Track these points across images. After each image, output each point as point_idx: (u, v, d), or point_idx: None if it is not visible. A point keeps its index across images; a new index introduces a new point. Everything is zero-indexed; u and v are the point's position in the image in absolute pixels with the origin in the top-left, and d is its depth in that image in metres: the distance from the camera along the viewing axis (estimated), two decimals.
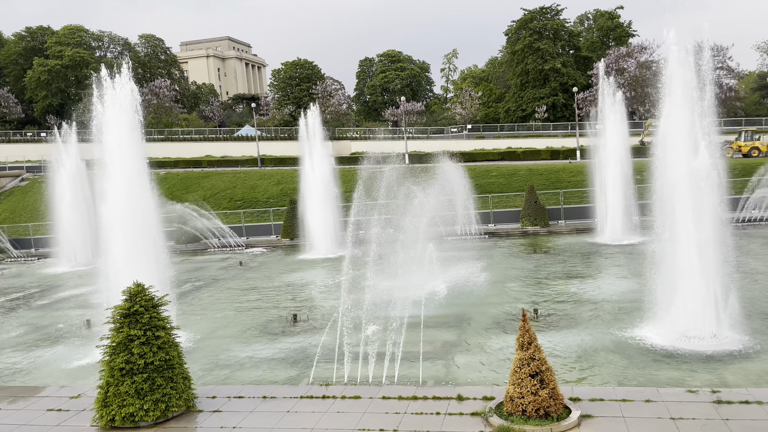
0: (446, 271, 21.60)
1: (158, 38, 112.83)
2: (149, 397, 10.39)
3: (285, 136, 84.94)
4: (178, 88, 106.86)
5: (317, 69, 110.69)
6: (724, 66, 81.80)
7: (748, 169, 39.08)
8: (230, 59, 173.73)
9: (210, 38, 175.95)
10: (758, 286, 18.37)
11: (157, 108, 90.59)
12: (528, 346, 9.46)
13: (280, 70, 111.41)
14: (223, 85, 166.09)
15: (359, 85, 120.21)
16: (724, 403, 9.66)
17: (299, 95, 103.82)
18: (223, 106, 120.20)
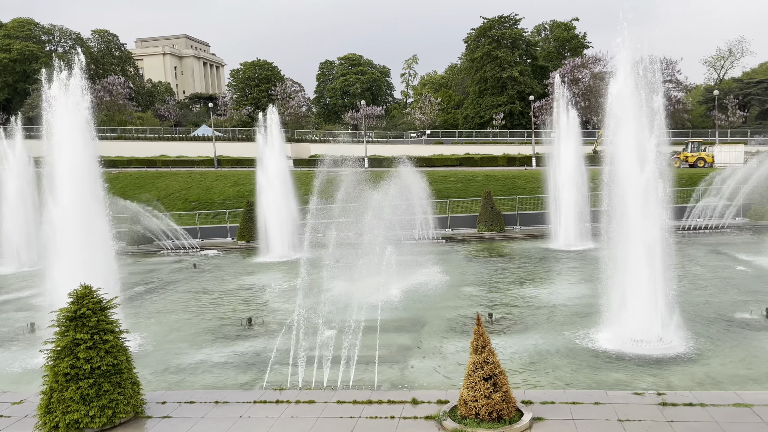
0: (403, 275, 21.67)
1: (112, 34, 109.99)
2: (95, 403, 10.05)
3: (243, 137, 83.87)
4: (133, 85, 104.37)
5: (277, 70, 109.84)
6: (673, 79, 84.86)
7: (695, 179, 40.62)
8: (188, 58, 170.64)
9: (167, 36, 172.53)
10: (702, 291, 19.06)
11: (110, 105, 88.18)
12: (482, 350, 9.56)
13: (239, 71, 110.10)
14: (179, 84, 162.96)
15: (319, 88, 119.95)
16: (669, 405, 9.97)
17: (258, 96, 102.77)
18: (180, 105, 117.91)
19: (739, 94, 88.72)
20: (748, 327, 14.99)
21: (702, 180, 36.97)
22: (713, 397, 10.26)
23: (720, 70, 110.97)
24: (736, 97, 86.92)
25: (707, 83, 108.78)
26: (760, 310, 16.01)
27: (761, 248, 26.18)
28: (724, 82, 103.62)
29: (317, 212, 28.59)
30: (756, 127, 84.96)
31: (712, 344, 13.76)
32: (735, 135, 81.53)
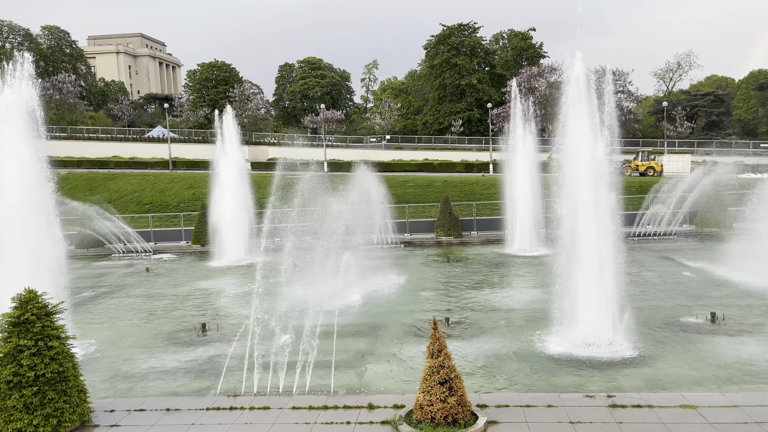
0: (362, 280, 21.63)
1: (63, 30, 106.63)
2: (39, 412, 9.67)
3: (199, 138, 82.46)
4: (84, 84, 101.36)
5: (235, 72, 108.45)
6: (625, 90, 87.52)
7: (644, 187, 41.95)
8: (143, 57, 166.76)
9: (121, 34, 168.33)
10: (650, 296, 19.66)
11: (60, 104, 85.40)
12: (438, 354, 9.61)
13: (196, 71, 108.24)
14: (134, 83, 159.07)
15: (278, 91, 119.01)
16: (618, 407, 10.23)
17: (215, 98, 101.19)
18: (134, 105, 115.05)
19: (687, 105, 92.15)
20: (694, 331, 15.52)
21: (651, 188, 38.16)
22: (660, 398, 10.58)
23: (669, 82, 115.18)
24: (683, 109, 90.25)
25: (657, 95, 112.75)
26: (705, 315, 16.60)
27: (706, 254, 27.18)
28: (672, 94, 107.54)
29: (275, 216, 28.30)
30: (702, 138, 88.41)
31: (660, 347, 14.19)
32: (683, 145, 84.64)
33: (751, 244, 22.46)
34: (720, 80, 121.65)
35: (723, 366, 12.83)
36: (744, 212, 33.79)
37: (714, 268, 23.43)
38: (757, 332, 15.11)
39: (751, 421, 9.49)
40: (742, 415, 9.72)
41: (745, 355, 13.38)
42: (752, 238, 23.04)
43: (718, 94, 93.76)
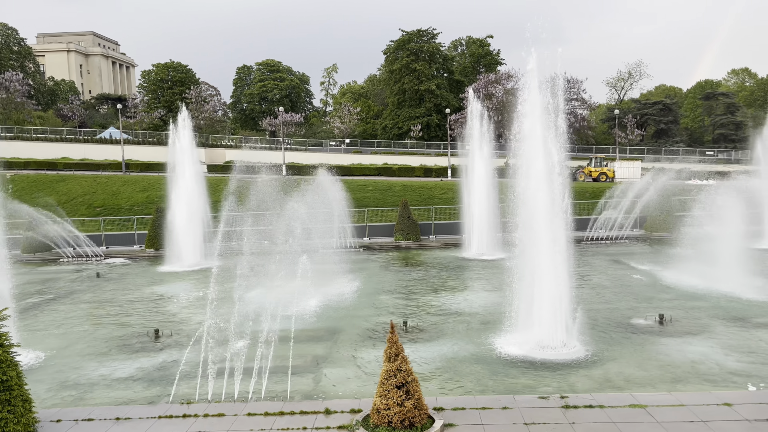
0: (320, 284, 21.50)
1: (11, 27, 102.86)
2: None
3: (154, 140, 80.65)
4: (33, 83, 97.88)
5: (191, 73, 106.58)
6: (579, 98, 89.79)
7: (597, 193, 43.09)
8: (95, 56, 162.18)
9: (73, 32, 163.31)
10: (602, 298, 20.16)
11: (6, 103, 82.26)
12: (395, 358, 9.62)
13: (151, 72, 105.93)
14: (86, 83, 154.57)
15: (236, 93, 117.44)
16: (571, 407, 10.43)
17: (171, 99, 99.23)
18: (85, 105, 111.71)
19: (637, 113, 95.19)
20: (644, 332, 15.98)
21: (604, 194, 39.23)
22: (611, 398, 10.84)
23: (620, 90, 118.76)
24: (634, 117, 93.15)
25: (609, 103, 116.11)
26: (653, 317, 17.11)
27: (655, 258, 28.10)
28: (624, 103, 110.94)
29: (231, 219, 27.90)
30: (652, 145, 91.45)
31: (611, 348, 14.56)
32: (633, 152, 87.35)
33: (698, 248, 23.30)
34: (668, 90, 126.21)
35: (671, 366, 13.25)
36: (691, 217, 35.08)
37: (662, 271, 24.22)
38: (702, 333, 15.67)
39: (697, 419, 9.82)
40: (689, 413, 10.05)
41: (692, 356, 13.85)
42: (698, 242, 23.90)
43: (666, 103, 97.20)
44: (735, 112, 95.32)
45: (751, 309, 17.80)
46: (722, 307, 18.11)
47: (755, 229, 28.13)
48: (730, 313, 17.49)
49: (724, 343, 14.79)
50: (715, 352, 14.06)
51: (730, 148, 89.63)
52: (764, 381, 12.09)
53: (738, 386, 11.88)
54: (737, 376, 12.50)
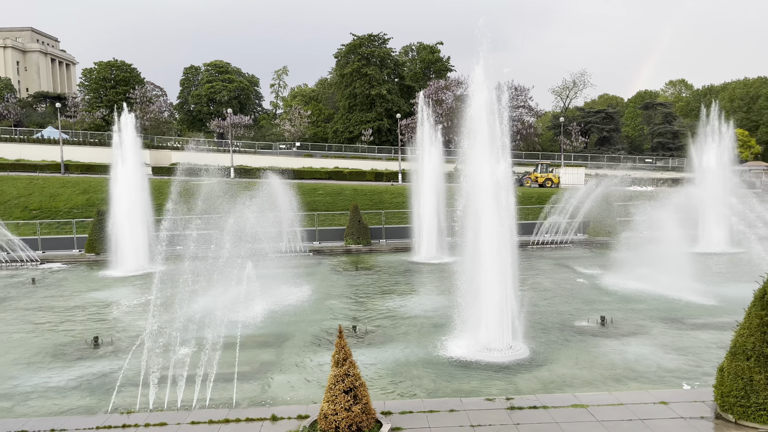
0: (268, 289, 21.20)
1: None
2: None
3: (95, 141, 77.89)
4: None
5: (136, 72, 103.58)
6: (526, 105, 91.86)
7: (543, 198, 44.15)
8: (33, 53, 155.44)
9: (9, 27, 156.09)
10: (547, 301, 20.64)
11: None
12: (343, 363, 9.55)
13: (93, 70, 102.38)
14: (23, 80, 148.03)
15: (183, 94, 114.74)
16: (516, 409, 10.61)
17: (114, 98, 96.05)
18: (22, 103, 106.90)
19: (582, 121, 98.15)
20: (586, 334, 16.44)
21: (549, 199, 40.22)
22: (554, 399, 11.09)
23: (566, 99, 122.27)
24: (578, 124, 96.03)
25: (555, 110, 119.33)
26: (595, 319, 17.63)
27: (597, 262, 28.98)
28: (569, 111, 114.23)
29: (177, 223, 27.19)
30: (595, 153, 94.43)
31: (555, 350, 14.91)
32: (578, 159, 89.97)
33: (637, 252, 24.16)
34: (611, 99, 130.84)
35: (611, 366, 13.66)
36: (631, 222, 36.39)
37: (604, 274, 25.00)
38: (641, 334, 16.24)
39: (636, 418, 10.15)
40: (627, 412, 10.37)
41: (630, 356, 14.33)
42: (638, 246, 24.79)
43: (608, 112, 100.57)
44: (672, 121, 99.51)
45: (687, 310, 18.56)
46: (659, 309, 18.82)
47: (691, 233, 29.37)
48: (667, 314, 18.20)
49: (661, 343, 15.36)
50: (653, 353, 14.59)
51: (667, 156, 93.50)
52: (698, 379, 12.61)
53: (674, 385, 12.35)
54: (673, 375, 13.00)
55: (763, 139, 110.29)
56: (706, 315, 17.98)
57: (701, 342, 15.34)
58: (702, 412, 10.26)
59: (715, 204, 30.84)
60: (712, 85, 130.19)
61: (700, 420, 9.97)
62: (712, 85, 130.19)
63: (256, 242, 23.43)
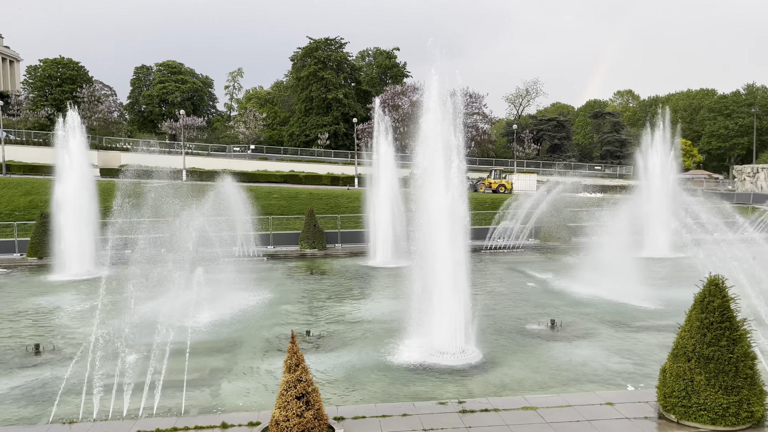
0: (220, 294, 20.84)
1: None
2: None
3: (40, 141, 75.08)
4: None
5: (84, 71, 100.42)
6: (480, 112, 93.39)
7: (497, 204, 44.86)
8: None
9: None
10: (500, 305, 20.96)
11: None
12: (295, 368, 9.46)
13: (38, 67, 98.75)
14: None
15: (134, 94, 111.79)
16: (468, 412, 10.72)
17: (60, 97, 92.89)
18: None
19: (534, 129, 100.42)
20: (537, 337, 16.76)
21: (502, 204, 40.94)
22: (505, 402, 11.24)
23: (519, 107, 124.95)
24: (531, 132, 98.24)
25: (508, 118, 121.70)
26: (546, 322, 18.00)
27: (548, 266, 29.63)
28: (522, 118, 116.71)
29: (125, 226, 26.46)
30: (547, 159, 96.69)
31: (507, 353, 15.14)
32: (530, 165, 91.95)
33: (587, 257, 24.82)
34: (562, 107, 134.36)
35: (560, 369, 13.97)
36: (580, 228, 37.38)
37: (555, 279, 25.57)
38: (590, 337, 16.67)
39: (583, 419, 10.40)
40: (575, 413, 10.62)
41: (579, 359, 14.68)
42: (587, 251, 25.47)
43: (560, 120, 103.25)
44: (620, 130, 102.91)
45: (632, 314, 19.16)
46: (607, 312, 19.37)
47: (637, 239, 30.36)
48: (614, 317, 18.74)
49: (608, 345, 15.80)
50: (600, 355, 14.99)
51: (615, 164, 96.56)
52: (642, 381, 13.01)
53: (620, 386, 12.72)
54: (619, 377, 13.39)
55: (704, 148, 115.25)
56: (650, 318, 18.60)
57: (646, 344, 15.85)
58: (646, 412, 10.59)
59: (660, 211, 31.97)
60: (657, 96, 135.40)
61: (644, 420, 10.28)
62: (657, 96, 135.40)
63: (208, 246, 23.04)
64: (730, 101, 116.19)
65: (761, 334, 12.63)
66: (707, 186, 78.42)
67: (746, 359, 9.72)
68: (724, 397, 9.57)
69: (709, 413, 9.63)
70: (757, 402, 9.70)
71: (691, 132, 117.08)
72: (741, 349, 9.71)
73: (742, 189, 68.17)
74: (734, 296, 10.03)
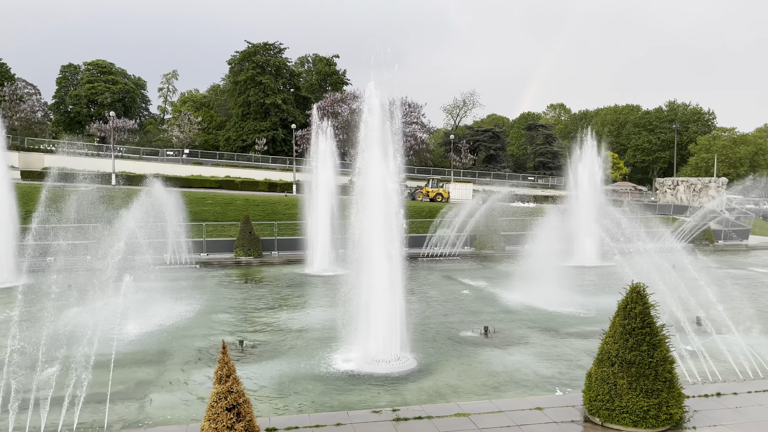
0: (149, 303, 20.11)
1: None
2: None
3: None
4: None
5: (6, 68, 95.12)
6: (418, 122, 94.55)
7: (434, 212, 45.47)
8: None
9: None
10: (435, 312, 21.20)
11: None
12: (226, 379, 9.20)
13: None
14: None
15: (60, 93, 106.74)
16: (401, 420, 10.74)
17: None
18: None
19: (471, 139, 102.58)
20: (471, 344, 17.05)
21: (439, 213, 41.54)
22: (439, 409, 11.35)
23: (456, 117, 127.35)
24: (468, 142, 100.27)
25: (446, 128, 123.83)
26: (479, 329, 18.34)
27: (482, 274, 30.25)
28: (459, 129, 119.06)
29: (48, 232, 25.17)
30: (482, 169, 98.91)
31: (442, 360, 15.31)
32: (467, 175, 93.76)
33: (519, 264, 25.49)
34: (497, 119, 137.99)
35: (493, 375, 14.25)
36: (514, 236, 38.40)
37: (489, 286, 26.13)
38: (522, 343, 17.09)
39: (513, 424, 10.62)
40: (506, 419, 10.83)
41: (511, 365, 15.03)
42: (520, 259, 26.16)
43: (495, 131, 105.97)
44: (552, 142, 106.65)
45: (562, 320, 19.81)
46: (538, 319, 19.94)
47: (567, 247, 31.45)
48: (545, 324, 19.31)
49: (539, 351, 16.25)
50: (531, 360, 15.40)
51: (548, 175, 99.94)
52: (570, 385, 13.45)
53: (549, 391, 13.09)
54: (549, 382, 13.78)
55: (630, 161, 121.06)
56: (579, 324, 19.28)
57: (574, 350, 16.40)
58: (572, 416, 10.93)
59: (588, 220, 33.26)
60: (587, 110, 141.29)
61: (571, 423, 10.61)
62: (587, 110, 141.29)
63: (138, 253, 22.21)
64: (654, 117, 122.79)
65: (679, 339, 13.33)
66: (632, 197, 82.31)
67: (665, 363, 10.20)
68: (645, 400, 10.00)
69: (630, 416, 10.04)
70: (675, 404, 10.19)
71: (618, 145, 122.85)
72: (660, 354, 10.19)
73: (663, 201, 71.94)
74: (654, 303, 10.52)
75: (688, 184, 71.78)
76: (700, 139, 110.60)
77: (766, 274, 30.92)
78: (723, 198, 64.74)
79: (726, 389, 12.30)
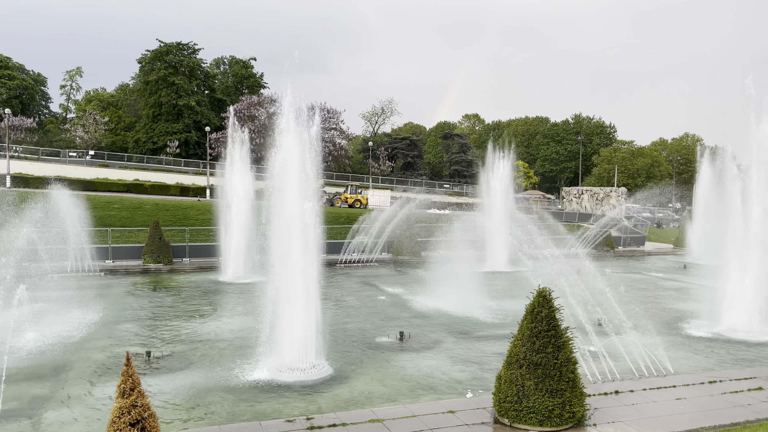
0: (46, 314, 18.85)
1: None
2: None
3: None
4: None
5: None
6: (338, 128, 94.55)
7: (352, 218, 45.54)
8: None
9: None
10: (351, 319, 21.20)
11: None
12: (130, 393, 8.74)
13: None
14: None
15: None
16: (316, 428, 10.63)
17: None
18: None
19: (389, 147, 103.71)
20: (386, 349, 17.16)
21: (357, 219, 41.65)
22: (354, 416, 11.33)
23: (375, 124, 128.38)
24: (386, 149, 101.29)
25: (365, 135, 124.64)
26: (395, 334, 18.51)
27: (399, 280, 30.59)
28: (377, 136, 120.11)
29: None
30: (400, 177, 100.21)
31: (357, 367, 15.31)
32: (385, 182, 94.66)
33: (434, 270, 25.96)
34: (415, 127, 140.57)
35: (407, 379, 14.40)
36: (429, 242, 39.14)
37: (405, 292, 26.45)
38: (436, 348, 17.40)
39: (426, 428, 10.77)
40: (420, 423, 10.97)
41: (425, 369, 15.25)
42: (436, 265, 26.65)
43: (413, 139, 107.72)
44: (467, 151, 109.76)
45: (474, 324, 20.36)
46: (452, 324, 20.38)
47: (480, 254, 32.38)
48: (458, 328, 19.77)
49: (452, 355, 16.60)
50: (444, 364, 15.70)
51: (463, 183, 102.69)
52: (481, 387, 13.82)
53: (461, 394, 13.38)
54: (461, 385, 14.09)
55: (539, 170, 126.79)
56: (490, 328, 19.87)
57: (485, 353, 16.88)
58: (483, 418, 11.23)
59: (499, 227, 34.43)
60: (500, 121, 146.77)
61: (481, 425, 10.90)
62: (500, 121, 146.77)
63: (34, 261, 20.80)
64: (561, 129, 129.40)
65: (582, 340, 14.03)
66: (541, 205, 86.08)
67: (569, 364, 10.70)
68: (550, 399, 10.44)
69: (537, 415, 10.45)
70: (578, 403, 10.70)
71: (528, 155, 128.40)
72: (564, 355, 10.68)
73: (569, 209, 75.76)
74: (559, 306, 11.02)
75: (591, 193, 76.05)
76: (602, 151, 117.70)
77: (661, 278, 33.22)
78: (623, 207, 69.08)
79: (623, 387, 13.08)
